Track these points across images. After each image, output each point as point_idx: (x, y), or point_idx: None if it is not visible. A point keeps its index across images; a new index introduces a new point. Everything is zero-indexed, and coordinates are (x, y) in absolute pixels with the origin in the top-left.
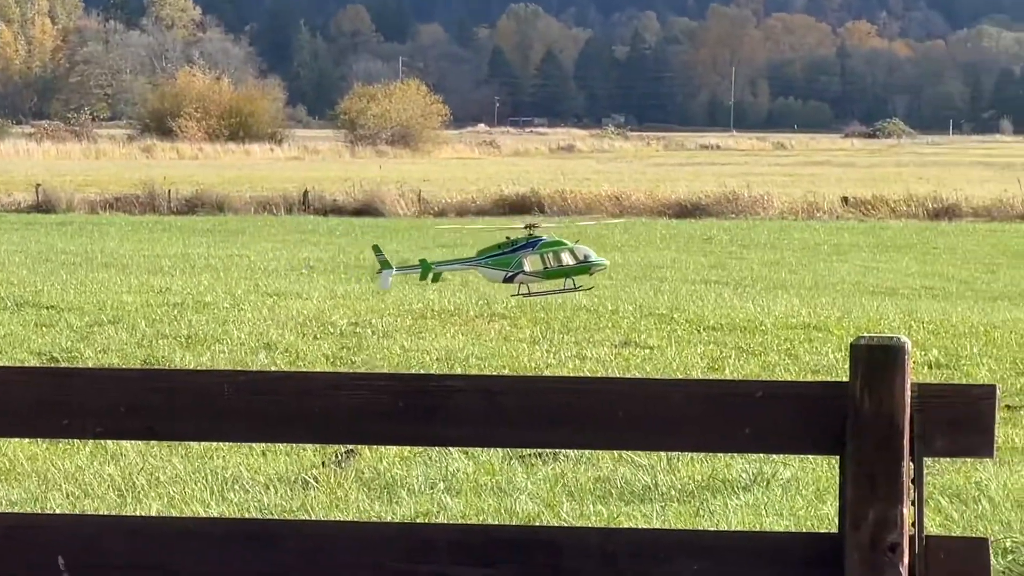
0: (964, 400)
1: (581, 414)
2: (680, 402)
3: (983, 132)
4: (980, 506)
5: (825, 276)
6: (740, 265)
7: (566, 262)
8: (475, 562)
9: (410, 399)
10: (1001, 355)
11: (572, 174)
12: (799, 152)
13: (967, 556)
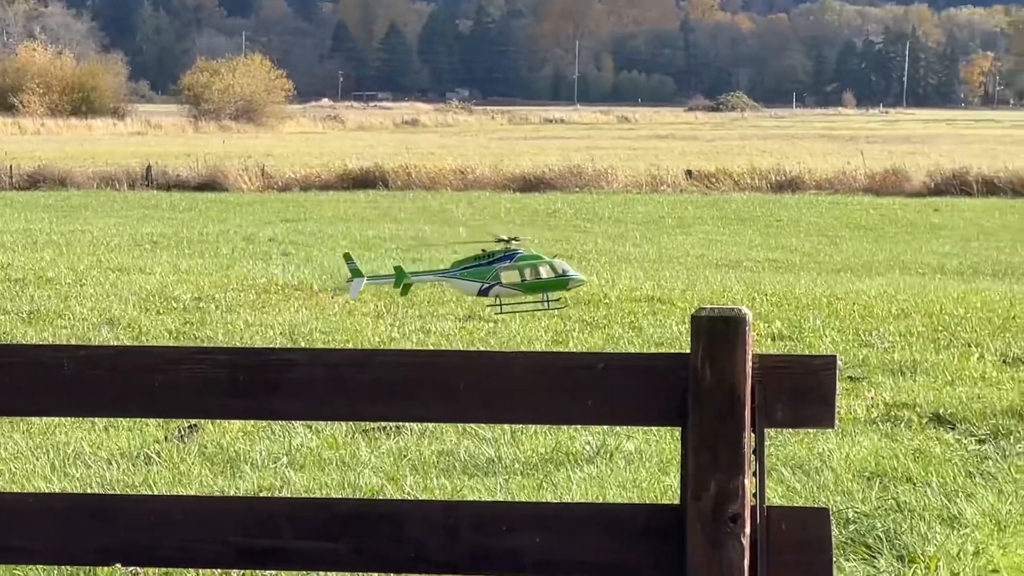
0: (805, 371)
1: (421, 387)
2: (522, 374)
3: (826, 105)
4: (822, 477)
5: (669, 249)
6: (584, 239)
7: (544, 276)
8: (318, 535)
9: (251, 373)
10: (844, 326)
11: (416, 148)
12: (643, 125)
13: (809, 526)
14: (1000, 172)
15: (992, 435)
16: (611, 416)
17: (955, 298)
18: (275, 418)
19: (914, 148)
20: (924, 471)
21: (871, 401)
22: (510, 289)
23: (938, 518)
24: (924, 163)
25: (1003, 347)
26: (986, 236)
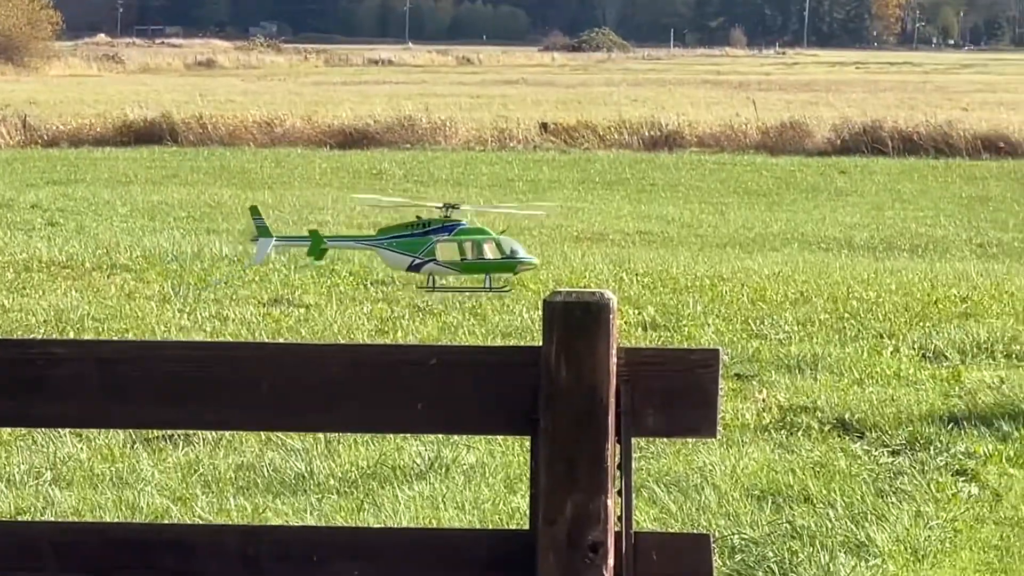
0: (682, 368)
1: (216, 387)
2: (339, 372)
3: (710, 44)
4: (703, 496)
5: (519, 219)
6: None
7: (488, 255)
8: (88, 568)
9: (7, 370)
10: (730, 314)
11: (212, 95)
12: (489, 68)
13: (685, 556)
14: (920, 126)
15: (908, 445)
16: (446, 422)
17: (865, 279)
18: (37, 425)
19: (817, 97)
20: (826, 489)
21: (763, 404)
22: (447, 267)
23: (843, 546)
24: (829, 115)
25: (922, 339)
26: (903, 204)
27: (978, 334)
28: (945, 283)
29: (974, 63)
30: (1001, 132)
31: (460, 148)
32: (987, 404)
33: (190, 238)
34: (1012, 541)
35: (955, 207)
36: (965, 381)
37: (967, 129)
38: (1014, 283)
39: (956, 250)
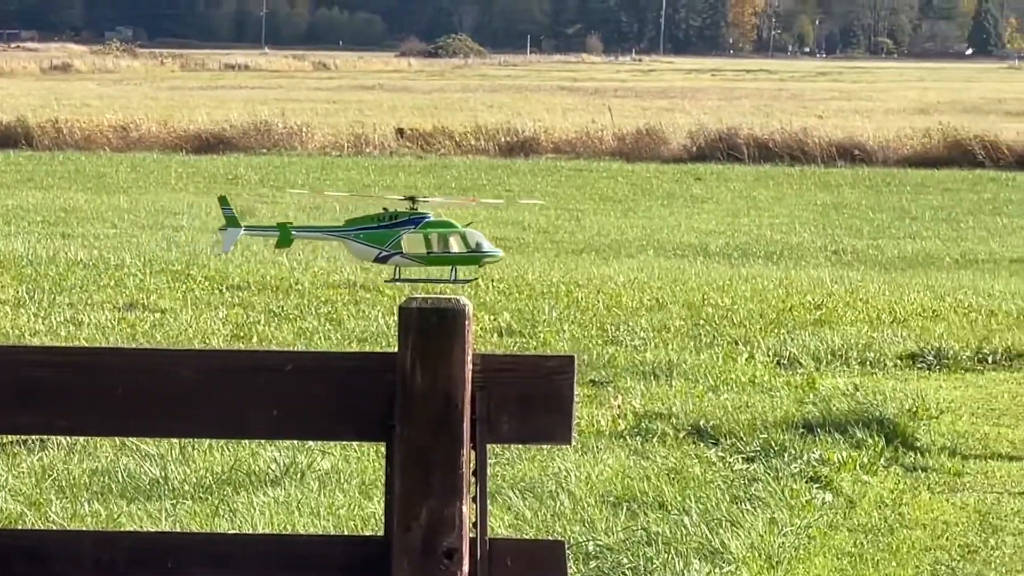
0: (536, 374)
1: (68, 392)
2: (193, 377)
3: (567, 51)
4: (558, 502)
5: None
6: (273, 211)
7: (454, 248)
8: None
9: None
10: (586, 320)
11: (68, 99)
12: (345, 74)
13: (540, 562)
14: (775, 133)
15: (763, 452)
16: (302, 428)
17: (720, 286)
18: None
19: (673, 104)
20: (681, 495)
21: (618, 410)
22: (413, 260)
23: (697, 552)
24: (685, 122)
25: (777, 345)
26: (758, 210)
27: (832, 341)
28: (800, 290)
29: (830, 71)
30: (856, 139)
31: (316, 153)
32: (841, 411)
33: (45, 242)
34: (865, 547)
35: (810, 214)
36: (819, 388)
37: (822, 136)
38: (868, 290)
39: (811, 257)
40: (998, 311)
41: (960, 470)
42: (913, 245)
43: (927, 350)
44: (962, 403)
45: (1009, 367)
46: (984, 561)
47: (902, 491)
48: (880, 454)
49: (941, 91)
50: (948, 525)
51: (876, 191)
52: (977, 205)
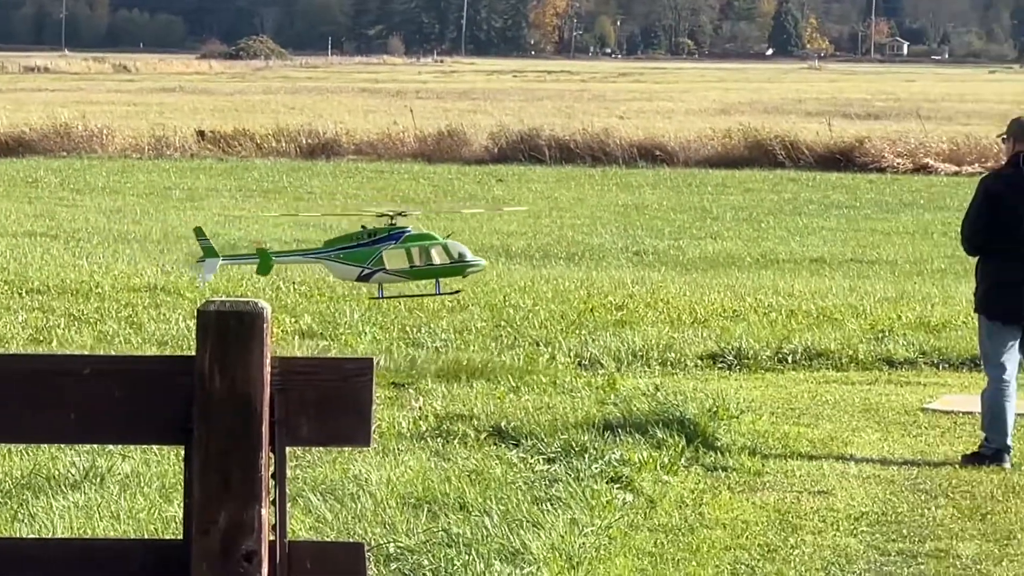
0: (335, 377)
1: None
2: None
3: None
4: (359, 504)
5: (177, 227)
6: (73, 214)
7: (436, 260)
8: None
9: None
10: (387, 322)
11: None
12: (146, 76)
13: (339, 565)
14: (577, 134)
15: (563, 453)
16: (100, 432)
17: (522, 287)
18: None
19: (474, 105)
20: (482, 497)
21: (419, 412)
22: (396, 275)
23: (498, 553)
24: (486, 123)
25: (578, 346)
26: (560, 211)
27: (633, 341)
28: (601, 291)
29: (631, 72)
30: (657, 140)
31: (117, 156)
32: (642, 411)
33: None
34: (666, 547)
35: (611, 215)
36: (620, 389)
37: (623, 137)
38: (669, 291)
39: (612, 258)
40: (798, 311)
41: (760, 469)
42: (714, 245)
43: (727, 350)
44: (762, 403)
45: (809, 367)
46: (784, 560)
47: (702, 491)
48: (681, 454)
49: (742, 92)
50: (748, 524)
51: (677, 191)
52: (777, 205)
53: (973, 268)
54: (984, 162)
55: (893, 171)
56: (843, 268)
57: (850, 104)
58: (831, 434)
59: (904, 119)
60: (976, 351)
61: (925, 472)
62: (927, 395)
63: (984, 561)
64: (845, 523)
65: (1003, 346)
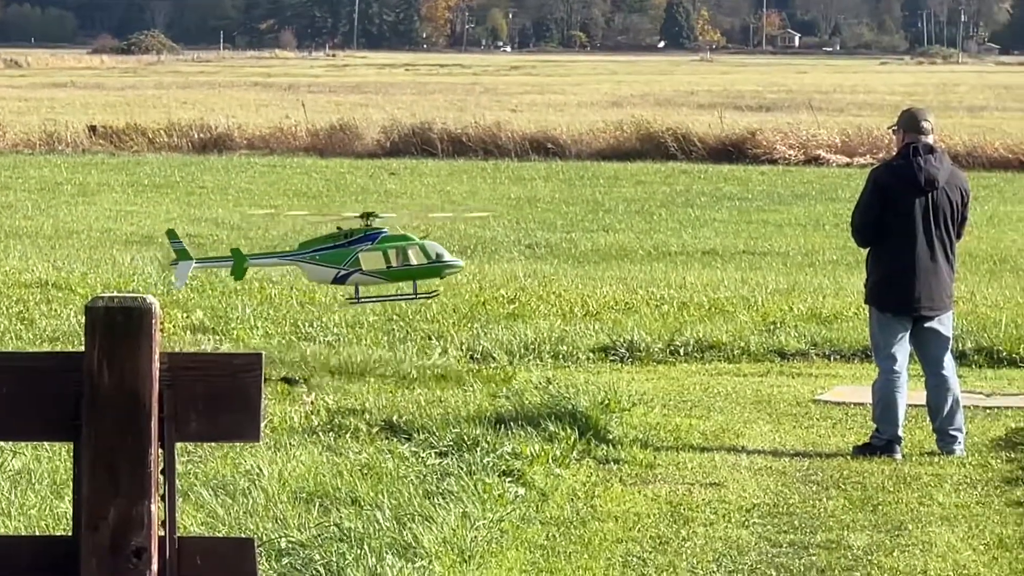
0: (224, 372)
1: None
2: None
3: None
4: (251, 499)
5: (68, 222)
6: None
7: (414, 261)
8: None
9: None
10: (279, 316)
11: None
12: (37, 71)
13: (230, 560)
14: (469, 128)
15: (455, 446)
16: None
17: None
18: None
19: (366, 99)
20: (374, 491)
21: (311, 407)
22: (373, 277)
23: (390, 547)
24: (378, 117)
25: (470, 340)
26: (452, 205)
27: (526, 335)
28: (493, 284)
29: (523, 65)
30: (549, 133)
31: (8, 151)
32: (534, 404)
33: None
34: (558, 540)
35: (504, 208)
36: (512, 382)
37: (515, 131)
38: (561, 283)
39: (505, 251)
40: (690, 303)
41: (652, 462)
42: (606, 238)
43: (619, 343)
44: (654, 395)
45: (700, 359)
46: (675, 552)
47: (594, 483)
48: (573, 447)
49: (634, 84)
50: (640, 517)
51: (569, 184)
52: (670, 197)
53: (864, 259)
54: (875, 153)
55: (785, 163)
56: (735, 260)
57: (742, 96)
58: (723, 426)
59: (796, 111)
60: (867, 342)
61: (817, 463)
62: (819, 386)
63: (875, 552)
64: (737, 515)
65: (893, 337)
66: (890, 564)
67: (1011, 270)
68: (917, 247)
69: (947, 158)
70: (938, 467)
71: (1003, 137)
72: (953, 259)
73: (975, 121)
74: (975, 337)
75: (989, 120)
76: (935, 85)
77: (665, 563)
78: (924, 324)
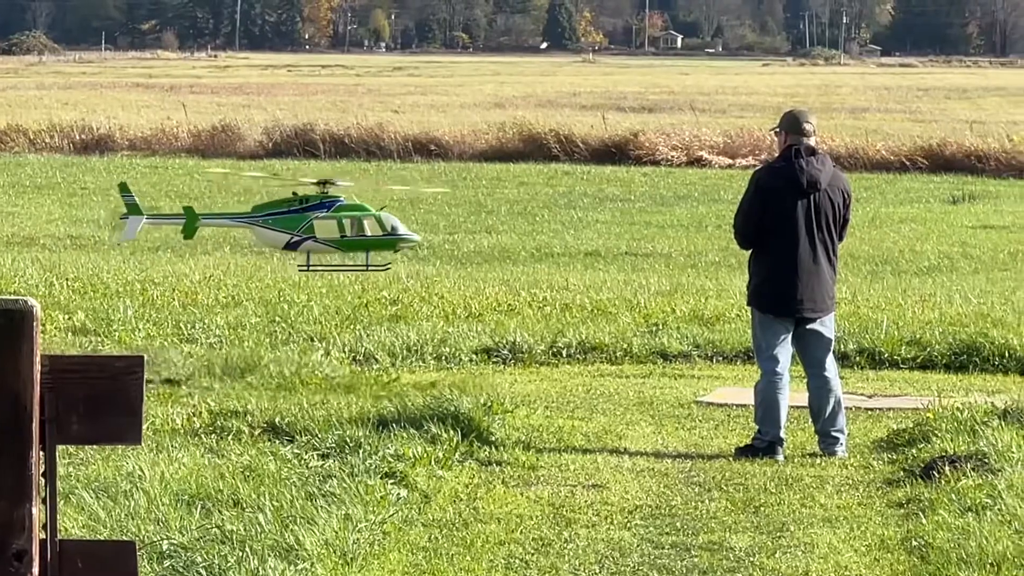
0: (106, 375)
1: None
2: None
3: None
4: (132, 502)
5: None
6: None
7: (368, 232)
8: None
9: None
10: (161, 318)
11: None
12: None
13: (111, 563)
14: (351, 128)
15: (338, 448)
16: None
17: (296, 283)
18: None
19: (249, 100)
20: (256, 493)
21: (193, 409)
22: (325, 245)
23: (272, 550)
24: (260, 118)
25: (353, 342)
26: None
27: (408, 336)
28: (376, 286)
29: (406, 66)
30: (431, 134)
31: None
32: (417, 406)
33: None
34: (440, 542)
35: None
36: (395, 384)
37: (398, 131)
38: (444, 285)
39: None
40: (572, 304)
41: (534, 463)
42: (489, 239)
43: (502, 344)
44: (537, 397)
45: (583, 360)
46: (557, 554)
47: (477, 485)
48: (455, 449)
49: (516, 85)
50: (522, 518)
51: (452, 185)
52: (552, 199)
53: (746, 261)
54: (758, 155)
55: (667, 164)
56: (617, 261)
57: (624, 97)
58: (605, 427)
59: (678, 112)
60: (749, 344)
61: (699, 465)
62: (701, 388)
63: (757, 553)
64: (619, 516)
65: (776, 339)
66: (772, 565)
67: (892, 271)
68: (799, 249)
69: (829, 160)
70: (820, 469)
71: (884, 139)
72: (835, 261)
73: (857, 123)
74: (857, 339)
75: (871, 122)
76: (817, 87)
77: (547, 565)
78: (806, 326)
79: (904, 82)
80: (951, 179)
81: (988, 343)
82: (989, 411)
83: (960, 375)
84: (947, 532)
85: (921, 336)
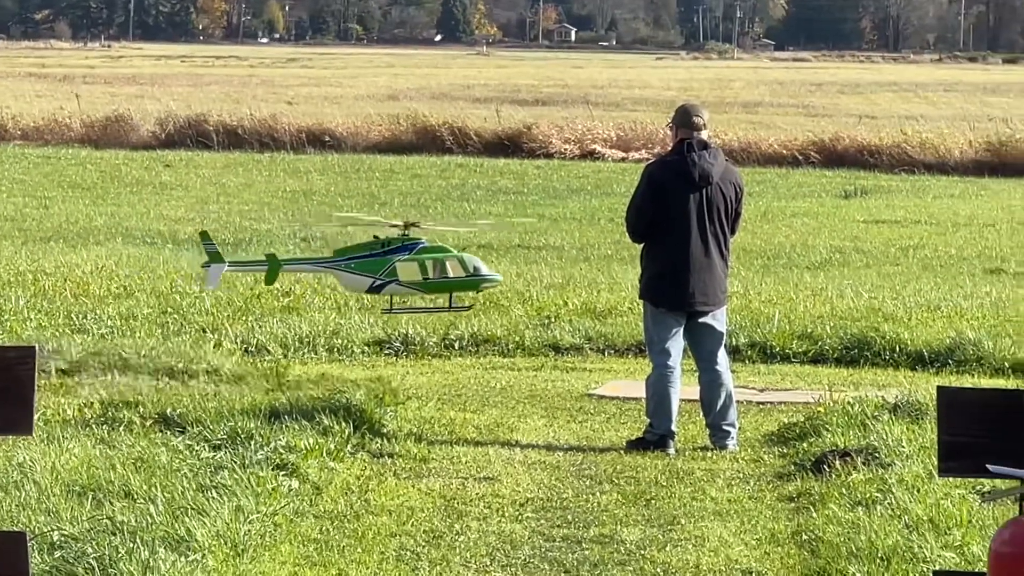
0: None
1: None
2: None
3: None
4: (24, 493)
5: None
6: None
7: (451, 274)
8: None
9: None
10: (53, 309)
11: None
12: None
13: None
14: (244, 120)
15: (229, 440)
16: None
17: (188, 274)
18: None
19: (142, 90)
20: (147, 484)
21: (85, 399)
22: (409, 288)
23: (163, 541)
24: (154, 108)
25: (245, 333)
26: (228, 196)
27: (300, 328)
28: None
29: (300, 57)
30: (325, 126)
31: None
32: (309, 398)
33: None
34: (331, 534)
35: (279, 200)
36: (287, 375)
37: (292, 123)
38: None
39: (280, 244)
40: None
41: (426, 456)
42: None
43: (394, 336)
44: (429, 389)
45: (475, 353)
46: (449, 546)
47: (368, 477)
48: (347, 441)
49: (410, 77)
50: (414, 511)
51: (345, 177)
52: (446, 191)
53: (638, 254)
54: (650, 148)
55: (561, 157)
56: (510, 254)
57: (518, 90)
58: (497, 420)
59: (572, 105)
60: (641, 337)
61: (590, 458)
62: (593, 381)
63: (648, 546)
64: (510, 509)
65: (667, 332)
66: (662, 559)
67: (784, 266)
68: (691, 243)
69: (721, 154)
70: (711, 462)
71: (777, 133)
72: (727, 255)
73: (750, 117)
74: (748, 332)
75: (763, 116)
76: (710, 81)
77: (439, 557)
78: (698, 319)
79: (797, 76)
80: (843, 174)
81: (879, 338)
82: (879, 405)
83: (851, 369)
84: (837, 526)
85: (812, 330)
